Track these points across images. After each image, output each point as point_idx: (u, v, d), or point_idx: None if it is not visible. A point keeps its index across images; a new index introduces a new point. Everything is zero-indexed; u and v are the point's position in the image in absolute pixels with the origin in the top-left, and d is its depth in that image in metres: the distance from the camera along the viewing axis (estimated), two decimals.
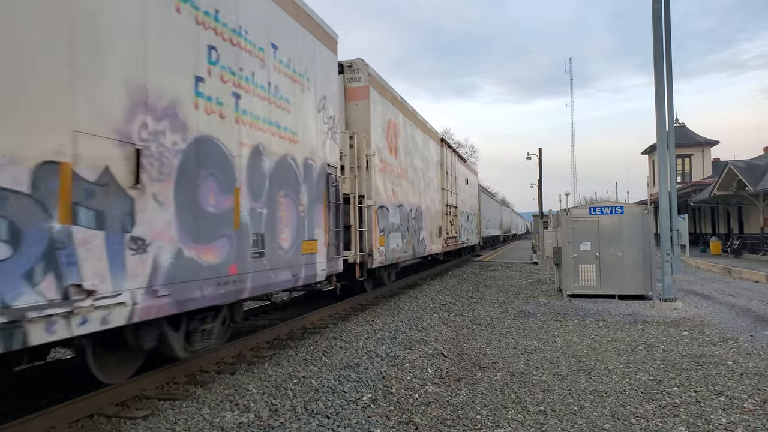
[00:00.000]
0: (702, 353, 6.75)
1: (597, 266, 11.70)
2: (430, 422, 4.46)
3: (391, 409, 4.77)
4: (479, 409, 4.80)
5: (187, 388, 5.38)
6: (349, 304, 10.53)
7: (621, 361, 6.42)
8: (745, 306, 10.62)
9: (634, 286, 11.53)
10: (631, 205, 12.98)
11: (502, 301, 11.67)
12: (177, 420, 4.49)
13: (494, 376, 5.79)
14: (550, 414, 4.65)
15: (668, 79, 11.07)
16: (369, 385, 5.45)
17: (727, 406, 4.80)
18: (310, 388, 5.33)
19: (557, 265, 12.82)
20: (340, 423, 4.42)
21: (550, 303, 11.16)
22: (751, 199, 23.08)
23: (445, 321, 9.27)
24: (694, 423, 4.42)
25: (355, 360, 6.43)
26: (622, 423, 4.43)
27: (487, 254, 29.97)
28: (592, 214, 11.86)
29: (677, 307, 10.21)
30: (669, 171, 10.95)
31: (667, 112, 11.02)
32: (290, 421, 4.48)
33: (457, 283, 15.47)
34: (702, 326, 8.55)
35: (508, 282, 15.54)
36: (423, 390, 5.33)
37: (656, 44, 10.83)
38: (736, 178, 22.84)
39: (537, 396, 5.14)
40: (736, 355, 6.62)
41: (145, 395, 5.08)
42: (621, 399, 5.02)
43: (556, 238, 13.18)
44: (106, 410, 4.64)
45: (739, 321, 9.04)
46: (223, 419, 4.51)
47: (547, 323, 8.91)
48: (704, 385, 5.41)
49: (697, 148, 38.58)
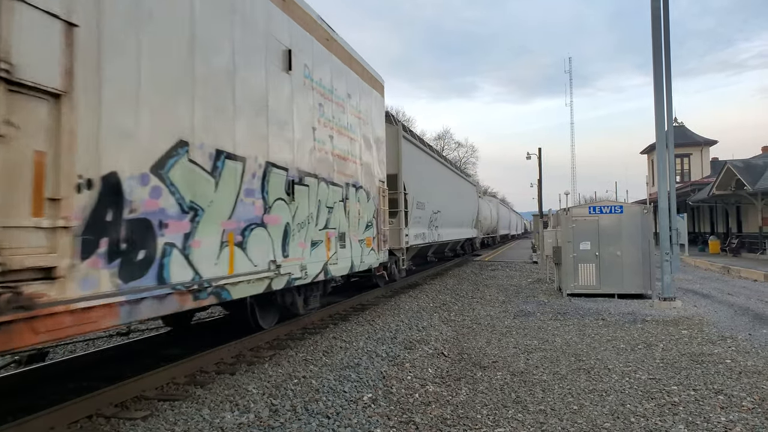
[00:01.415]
0: (701, 352, 6.76)
1: (596, 265, 11.71)
2: (430, 422, 4.46)
3: (392, 409, 4.77)
4: (479, 408, 4.80)
5: (186, 389, 5.38)
6: (350, 304, 10.55)
7: (620, 360, 6.43)
8: (743, 305, 10.64)
9: (634, 285, 11.55)
10: (631, 204, 13.01)
11: (502, 300, 11.68)
12: (176, 420, 4.49)
13: (494, 376, 5.80)
14: (550, 413, 4.66)
15: (667, 78, 11.06)
16: (369, 385, 5.45)
17: (726, 405, 4.80)
18: (311, 388, 5.33)
19: (557, 264, 12.83)
20: (341, 423, 4.42)
21: (549, 302, 11.16)
22: (750, 199, 23.11)
23: (445, 320, 9.28)
24: (693, 421, 4.42)
25: (356, 360, 6.43)
26: (621, 422, 4.43)
27: (487, 254, 29.99)
28: (591, 213, 11.87)
29: (676, 306, 10.22)
30: (668, 170, 10.95)
31: (666, 111, 11.02)
32: (290, 421, 4.48)
33: (457, 282, 15.48)
34: (701, 325, 8.56)
35: (508, 281, 15.55)
36: (423, 390, 5.33)
37: (655, 44, 10.84)
38: (735, 178, 22.87)
39: (537, 395, 5.14)
40: (735, 354, 6.63)
41: (145, 396, 5.07)
42: (620, 398, 5.03)
43: (556, 238, 13.19)
44: (105, 411, 4.63)
45: (738, 320, 9.06)
46: (222, 420, 4.51)
47: (546, 322, 8.92)
48: (703, 384, 5.42)
49: (695, 148, 38.64)
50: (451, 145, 68.62)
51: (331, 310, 9.79)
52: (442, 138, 67.87)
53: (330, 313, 9.62)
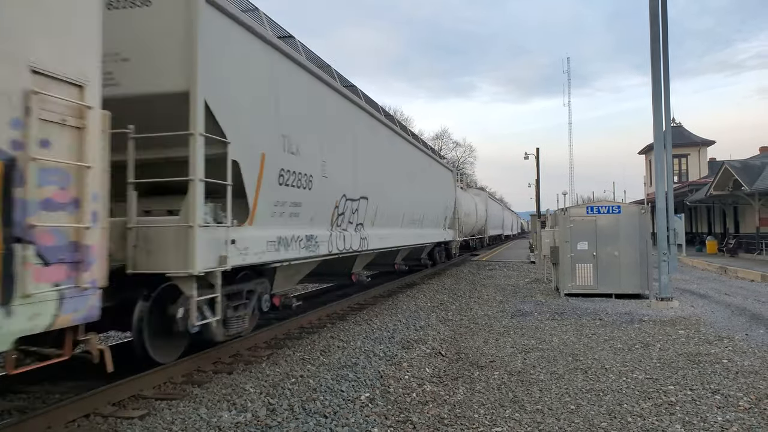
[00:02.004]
0: (698, 352, 6.77)
1: (594, 265, 11.73)
2: (427, 421, 4.47)
3: (389, 409, 4.77)
4: (477, 408, 4.80)
5: (184, 388, 5.37)
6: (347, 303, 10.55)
7: (618, 359, 6.44)
8: (740, 305, 10.67)
9: (631, 286, 11.57)
10: (628, 204, 13.03)
11: (499, 300, 11.69)
12: (174, 420, 4.48)
13: (492, 375, 5.80)
14: (547, 413, 4.67)
15: (665, 79, 11.09)
16: (367, 385, 5.45)
17: (723, 404, 4.82)
18: (308, 388, 5.33)
19: (554, 264, 12.85)
20: (338, 422, 4.42)
21: (547, 302, 11.18)
22: (747, 199, 23.17)
23: (442, 320, 9.28)
24: (689, 421, 4.44)
25: (353, 359, 6.43)
26: (618, 421, 4.44)
27: (484, 254, 30.02)
28: (589, 213, 11.89)
29: (674, 306, 10.24)
30: (666, 171, 10.98)
31: (664, 112, 11.05)
32: (288, 420, 4.48)
33: (455, 282, 15.49)
34: (698, 325, 8.58)
35: (506, 281, 15.57)
36: (421, 389, 5.34)
37: (653, 44, 10.85)
38: (732, 178, 22.93)
39: (534, 395, 5.15)
40: (732, 354, 6.65)
41: (142, 395, 5.07)
42: (618, 397, 5.04)
43: (554, 238, 13.21)
44: (103, 410, 4.63)
45: (735, 320, 9.08)
46: (220, 419, 4.51)
47: (544, 322, 8.93)
48: (700, 384, 5.43)
49: (693, 148, 38.72)
50: (449, 145, 68.69)
51: (329, 309, 9.79)
52: (440, 137, 67.91)
53: (327, 313, 9.62)
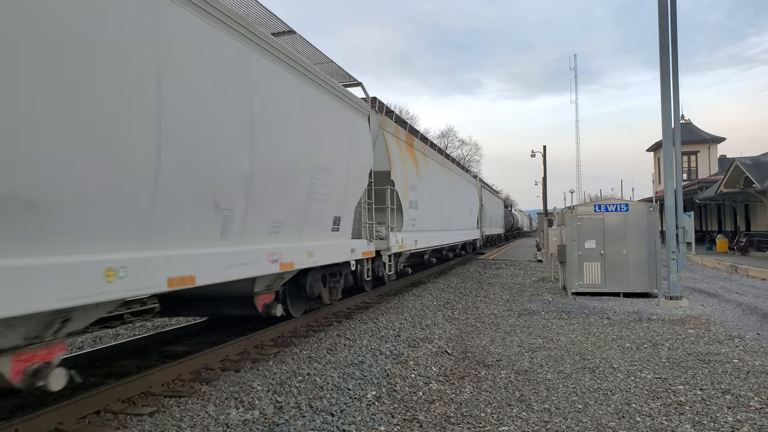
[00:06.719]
0: (708, 351, 6.72)
1: (602, 264, 11.67)
2: (434, 420, 4.47)
3: (396, 407, 4.78)
4: (483, 407, 4.80)
5: (192, 386, 5.41)
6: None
7: (626, 359, 6.40)
8: (751, 304, 10.57)
9: (640, 284, 11.49)
10: (637, 202, 12.94)
11: (506, 299, 11.66)
12: (182, 417, 4.52)
13: (498, 374, 5.79)
14: (554, 412, 4.65)
15: (674, 74, 10.97)
16: (373, 383, 5.46)
17: (733, 405, 4.78)
18: (315, 386, 5.35)
19: (562, 263, 12.79)
20: (345, 420, 4.43)
21: (554, 301, 11.14)
22: (758, 197, 22.93)
23: (449, 319, 9.27)
24: (699, 421, 4.40)
25: (360, 358, 6.44)
26: (627, 421, 4.42)
27: (491, 252, 29.95)
28: (597, 211, 11.82)
29: (683, 305, 10.17)
30: (675, 168, 10.86)
31: (673, 108, 10.93)
32: (295, 418, 4.50)
33: (461, 281, 15.47)
34: (708, 324, 8.51)
35: (513, 280, 15.52)
36: (427, 388, 5.34)
37: (662, 39, 10.73)
38: (743, 175, 22.69)
39: (541, 394, 5.13)
40: (743, 354, 6.59)
41: (151, 392, 5.12)
42: (626, 397, 5.01)
43: (561, 236, 13.14)
44: (113, 407, 4.67)
45: (746, 319, 9.00)
46: (228, 416, 4.53)
47: (551, 321, 8.90)
48: (710, 384, 5.39)
49: (703, 145, 38.38)
50: (454, 143, 68.53)
51: (335, 308, 9.81)
52: (445, 136, 67.86)
53: (334, 311, 9.64)
